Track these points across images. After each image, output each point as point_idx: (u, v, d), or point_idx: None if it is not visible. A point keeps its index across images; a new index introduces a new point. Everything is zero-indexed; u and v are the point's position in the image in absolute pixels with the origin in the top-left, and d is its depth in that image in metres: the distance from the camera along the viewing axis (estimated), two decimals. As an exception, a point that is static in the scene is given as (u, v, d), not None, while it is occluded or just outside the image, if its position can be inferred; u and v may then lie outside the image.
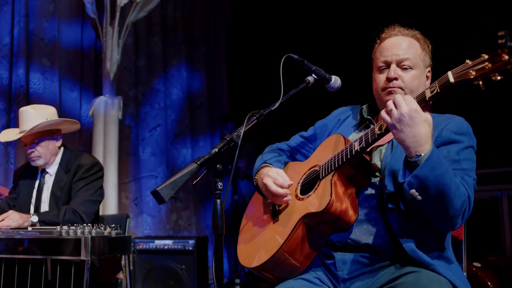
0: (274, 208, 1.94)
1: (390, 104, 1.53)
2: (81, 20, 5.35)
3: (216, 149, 1.62)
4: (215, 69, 6.53)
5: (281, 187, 1.82)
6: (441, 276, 1.57)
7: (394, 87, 1.79)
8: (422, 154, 1.49)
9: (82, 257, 2.24)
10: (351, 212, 1.68)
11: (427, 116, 1.51)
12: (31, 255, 2.38)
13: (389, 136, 1.66)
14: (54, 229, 2.39)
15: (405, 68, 1.81)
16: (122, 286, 2.86)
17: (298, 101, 1.95)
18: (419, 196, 1.50)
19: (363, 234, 1.69)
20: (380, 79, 1.85)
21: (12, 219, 2.67)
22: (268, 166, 1.97)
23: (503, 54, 1.35)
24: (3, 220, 2.72)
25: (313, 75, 1.90)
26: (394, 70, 1.80)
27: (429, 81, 1.88)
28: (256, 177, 1.98)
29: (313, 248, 1.75)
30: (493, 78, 1.38)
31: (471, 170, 1.65)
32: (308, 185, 1.87)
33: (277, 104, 1.78)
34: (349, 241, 1.70)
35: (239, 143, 1.65)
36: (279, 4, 5.72)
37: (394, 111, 1.50)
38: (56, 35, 5.03)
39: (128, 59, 5.65)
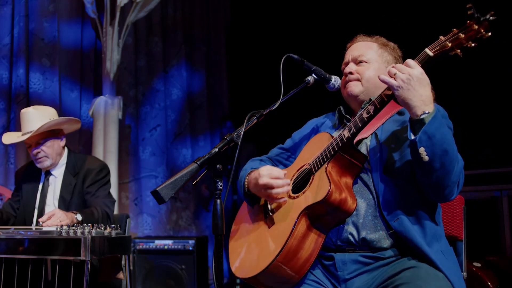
0: (266, 213, 1.90)
1: (392, 69, 1.58)
2: (81, 20, 5.34)
3: (216, 149, 1.62)
4: (215, 69, 6.54)
5: (278, 178, 1.81)
6: (439, 271, 1.58)
7: (350, 80, 1.89)
8: (429, 111, 1.54)
9: (82, 257, 2.23)
10: (350, 201, 1.69)
11: (429, 80, 1.57)
12: (31, 255, 2.37)
13: (371, 128, 1.73)
14: (54, 229, 2.39)
15: (361, 63, 1.91)
16: (122, 286, 2.86)
17: (299, 101, 1.96)
18: (426, 156, 1.52)
19: (361, 229, 1.70)
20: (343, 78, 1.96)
21: (60, 218, 2.62)
22: (255, 170, 1.94)
23: (473, 24, 1.50)
24: (49, 218, 2.63)
25: (313, 75, 1.91)
26: (349, 66, 1.92)
27: None
28: (246, 182, 1.96)
29: (315, 245, 1.72)
30: (468, 45, 1.51)
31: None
32: (299, 184, 1.86)
33: (277, 104, 1.78)
34: (349, 238, 1.70)
35: (239, 143, 1.65)
36: (279, 5, 5.72)
37: (400, 74, 1.55)
38: (56, 35, 5.03)
39: (128, 59, 5.65)
